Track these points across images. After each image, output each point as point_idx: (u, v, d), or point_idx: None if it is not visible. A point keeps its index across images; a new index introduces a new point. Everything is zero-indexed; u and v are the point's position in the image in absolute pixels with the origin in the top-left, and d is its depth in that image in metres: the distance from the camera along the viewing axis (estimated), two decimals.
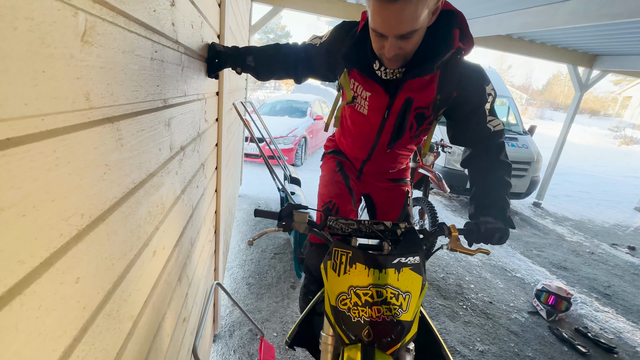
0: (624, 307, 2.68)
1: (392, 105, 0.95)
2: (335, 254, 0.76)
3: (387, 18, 0.70)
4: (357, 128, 1.10)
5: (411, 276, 0.74)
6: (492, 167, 0.93)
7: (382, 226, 0.86)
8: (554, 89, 26.69)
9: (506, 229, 0.82)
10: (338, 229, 0.87)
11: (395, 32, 0.72)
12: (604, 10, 2.23)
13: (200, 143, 0.99)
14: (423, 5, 0.69)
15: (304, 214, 0.82)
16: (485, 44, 4.07)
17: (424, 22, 0.73)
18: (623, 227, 4.79)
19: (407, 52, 0.79)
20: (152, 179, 0.54)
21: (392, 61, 0.82)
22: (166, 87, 0.59)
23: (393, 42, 0.75)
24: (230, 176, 2.37)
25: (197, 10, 0.82)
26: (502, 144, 0.95)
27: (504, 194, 0.89)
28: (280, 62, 1.09)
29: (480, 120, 0.93)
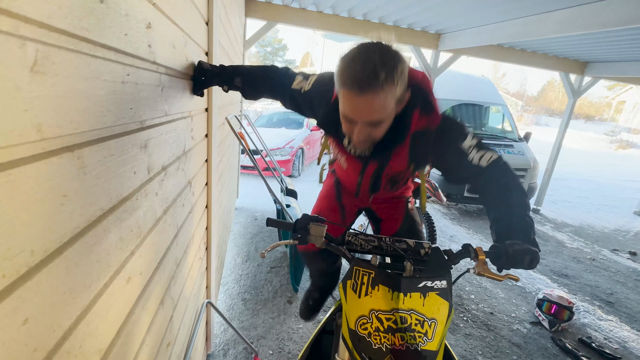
0: (627, 315, 2.62)
1: (364, 171, 1.03)
2: (356, 274, 0.70)
3: (357, 106, 0.72)
4: (342, 172, 1.18)
5: (437, 302, 0.68)
6: (503, 192, 0.85)
7: (404, 244, 0.82)
8: (549, 95, 27.02)
9: (536, 251, 0.74)
10: (357, 245, 0.83)
11: (364, 119, 0.74)
12: (591, 20, 2.26)
13: (186, 161, 0.97)
14: (392, 96, 0.71)
15: (322, 227, 0.76)
16: (477, 53, 4.13)
17: (391, 111, 0.76)
18: (623, 232, 4.75)
19: (375, 138, 0.81)
20: (125, 204, 0.52)
21: (360, 145, 0.83)
22: (142, 109, 0.58)
23: (362, 128, 0.76)
24: (224, 190, 2.35)
25: (180, 30, 0.82)
26: (505, 166, 0.88)
27: (524, 216, 0.81)
28: (268, 85, 1.10)
29: (468, 166, 0.87)
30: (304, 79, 1.03)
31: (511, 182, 0.86)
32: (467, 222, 4.50)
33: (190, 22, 0.93)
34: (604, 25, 2.15)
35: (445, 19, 3.24)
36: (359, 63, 0.68)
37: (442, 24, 3.50)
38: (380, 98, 0.69)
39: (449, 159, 0.90)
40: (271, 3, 3.44)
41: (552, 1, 2.38)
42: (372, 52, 0.68)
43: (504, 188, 0.85)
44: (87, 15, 0.38)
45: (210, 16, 1.20)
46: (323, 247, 0.77)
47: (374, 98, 0.69)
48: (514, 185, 0.85)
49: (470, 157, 0.87)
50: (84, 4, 0.38)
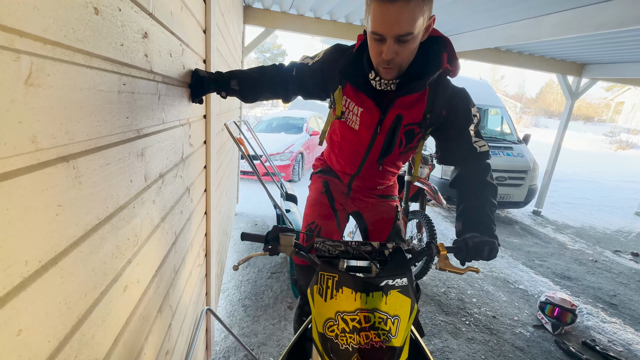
0: (631, 316, 2.60)
1: (383, 121, 0.98)
2: (322, 278, 0.73)
3: (386, 18, 0.74)
4: (347, 143, 1.12)
5: (399, 299, 0.71)
6: (479, 188, 0.95)
7: (369, 247, 0.85)
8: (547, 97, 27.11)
9: (494, 242, 0.82)
10: (325, 251, 0.85)
11: (394, 32, 0.76)
12: (586, 22, 2.28)
13: (185, 168, 0.98)
14: (419, 10, 0.74)
15: (290, 237, 0.81)
16: (475, 56, 4.15)
17: (419, 29, 0.78)
18: (625, 232, 4.73)
19: (402, 60, 0.83)
20: (122, 212, 0.53)
21: (388, 70, 0.85)
22: (138, 118, 0.59)
23: (391, 45, 0.78)
24: (224, 196, 2.35)
25: (177, 39, 0.83)
26: (488, 166, 0.98)
27: (490, 213, 0.90)
28: (266, 83, 1.11)
29: (466, 140, 0.96)
30: (309, 57, 1.07)
31: (489, 179, 0.96)
32: None
33: (187, 31, 0.94)
34: (597, 28, 2.16)
35: (442, 23, 3.27)
36: None
37: (441, 28, 3.53)
38: (409, 9, 0.72)
39: (458, 122, 0.95)
40: (269, 10, 3.47)
41: (547, 5, 2.40)
42: None
43: (482, 183, 0.95)
44: (82, 27, 0.39)
45: (207, 24, 1.22)
46: (293, 255, 0.80)
47: (404, 7, 0.72)
48: (489, 184, 0.95)
49: (471, 128, 0.95)
50: (80, 16, 0.38)
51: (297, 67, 1.08)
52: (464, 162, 0.99)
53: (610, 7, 2.10)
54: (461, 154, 0.98)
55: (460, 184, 1.00)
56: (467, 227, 0.88)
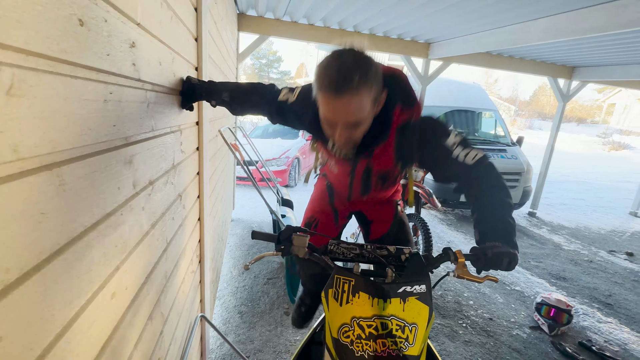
0: (627, 316, 2.62)
1: (354, 171, 1.06)
2: (337, 282, 0.71)
3: (335, 109, 0.75)
4: (333, 175, 1.21)
5: (417, 306, 0.69)
6: (488, 191, 0.87)
7: (385, 251, 0.83)
8: (541, 100, 27.45)
9: (514, 253, 0.76)
10: (339, 253, 0.83)
11: (343, 120, 0.77)
12: (572, 27, 2.33)
13: (176, 175, 0.98)
14: (367, 97, 0.75)
15: (304, 237, 0.78)
16: (467, 61, 4.21)
17: (369, 112, 0.79)
18: (619, 232, 4.77)
19: (356, 139, 0.84)
20: (109, 219, 0.53)
21: (343, 146, 0.87)
22: (126, 126, 0.59)
23: (342, 131, 0.79)
24: (219, 202, 2.35)
25: (166, 47, 0.84)
26: (489, 167, 0.89)
27: (507, 217, 0.82)
28: (255, 104, 1.12)
29: (453, 163, 0.89)
30: (290, 92, 1.06)
31: (496, 181, 0.87)
32: (464, 227, 4.50)
33: (178, 39, 0.95)
34: (583, 33, 2.21)
35: (434, 29, 3.32)
36: (334, 68, 0.72)
37: (431, 34, 3.58)
38: (356, 100, 0.73)
39: (434, 156, 0.91)
40: (263, 17, 3.51)
41: (536, 10, 2.45)
42: (346, 57, 0.73)
43: (489, 187, 0.87)
44: (66, 39, 0.40)
45: (199, 33, 1.23)
46: (306, 257, 0.78)
47: (351, 100, 0.72)
48: (499, 185, 0.86)
49: (455, 154, 0.88)
50: (64, 28, 0.39)
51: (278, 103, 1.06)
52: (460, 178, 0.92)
53: (594, 13, 2.15)
54: (453, 174, 0.92)
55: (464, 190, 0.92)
56: (486, 235, 0.80)
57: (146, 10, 0.68)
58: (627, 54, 3.67)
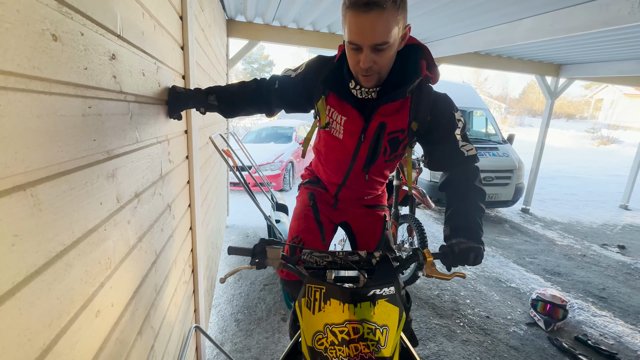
0: (620, 309, 2.65)
1: (366, 129, 0.99)
2: (309, 291, 0.73)
3: (362, 27, 0.76)
4: (333, 152, 1.12)
5: (387, 308, 0.71)
6: (468, 192, 0.96)
7: (356, 257, 0.85)
8: (530, 97, 27.89)
9: (479, 247, 0.83)
10: (312, 262, 0.85)
11: (369, 41, 0.77)
12: (556, 26, 2.38)
13: (164, 185, 0.97)
14: (393, 20, 0.76)
15: (277, 249, 0.80)
16: (456, 61, 4.26)
17: (394, 38, 0.80)
18: (611, 226, 4.85)
19: (381, 68, 0.84)
20: (91, 236, 0.52)
21: (367, 78, 0.86)
22: (107, 139, 0.58)
23: (368, 54, 0.79)
24: (212, 209, 2.33)
25: (150, 57, 0.83)
26: (476, 169, 0.99)
27: (477, 218, 0.91)
28: (246, 97, 1.10)
29: (453, 144, 0.97)
30: (292, 70, 1.07)
31: (477, 183, 0.96)
32: None
33: (162, 49, 0.94)
34: (568, 31, 2.25)
35: (422, 30, 3.35)
36: None
37: (421, 36, 3.62)
38: (384, 18, 0.74)
39: (442, 125, 0.96)
40: (252, 23, 3.51)
41: (521, 10, 2.49)
42: None
43: (470, 187, 0.96)
44: (38, 55, 0.39)
45: (185, 41, 1.22)
46: (281, 268, 0.79)
47: (379, 17, 0.74)
48: (478, 188, 0.96)
49: (457, 133, 0.96)
50: (35, 45, 0.38)
51: (279, 79, 1.08)
52: (452, 166, 1.00)
53: (577, 12, 2.19)
54: (449, 158, 0.99)
55: (449, 187, 1.01)
56: (454, 232, 0.89)
57: (127, 22, 0.67)
58: (610, 51, 3.74)
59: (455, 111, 0.97)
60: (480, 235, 0.89)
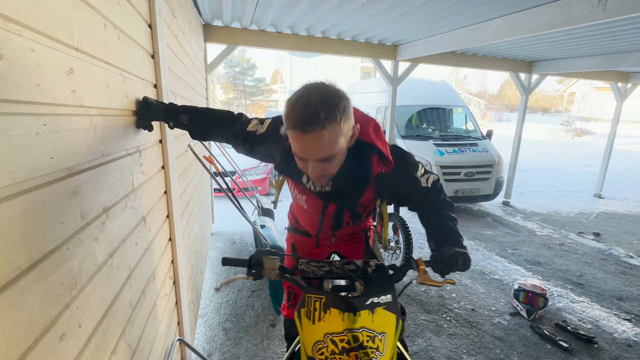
0: (597, 294, 2.77)
1: (326, 210, 1.05)
2: (309, 301, 0.74)
3: (304, 145, 0.75)
4: (302, 212, 1.18)
5: (385, 316, 0.73)
6: (438, 207, 1.02)
7: (353, 265, 0.87)
8: (508, 93, 28.81)
9: (465, 253, 0.87)
10: (310, 272, 0.86)
11: (314, 157, 0.76)
12: (524, 25, 2.47)
13: (137, 198, 0.95)
14: (336, 133, 0.74)
15: (274, 259, 0.79)
16: (434, 61, 4.36)
17: (341, 146, 0.78)
18: (586, 214, 5.06)
19: (330, 173, 0.84)
20: (51, 257, 0.50)
21: (318, 180, 0.85)
22: (67, 156, 0.57)
23: (315, 165, 0.78)
24: (194, 217, 2.29)
25: (115, 68, 0.81)
26: (440, 188, 1.04)
27: (454, 227, 0.97)
28: (219, 130, 1.08)
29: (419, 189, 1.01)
30: (259, 123, 1.03)
31: (444, 199, 1.03)
32: None
33: (129, 59, 0.93)
34: (534, 30, 2.35)
35: (399, 31, 3.42)
36: (301, 105, 0.72)
37: (398, 36, 3.68)
38: (324, 136, 0.72)
39: (408, 188, 1.00)
40: (230, 27, 3.48)
41: (490, 11, 2.58)
42: (313, 93, 0.73)
43: (440, 204, 1.02)
44: None
45: (155, 49, 1.20)
46: (278, 278, 0.78)
47: (319, 136, 0.72)
48: (446, 203, 1.02)
49: (421, 183, 1.01)
50: None
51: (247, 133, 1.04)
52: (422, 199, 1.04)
53: (542, 11, 2.29)
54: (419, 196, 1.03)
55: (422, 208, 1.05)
56: (440, 244, 0.93)
57: (86, 34, 0.66)
58: (578, 48, 3.92)
59: (416, 171, 0.99)
60: (461, 241, 0.93)
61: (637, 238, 4.10)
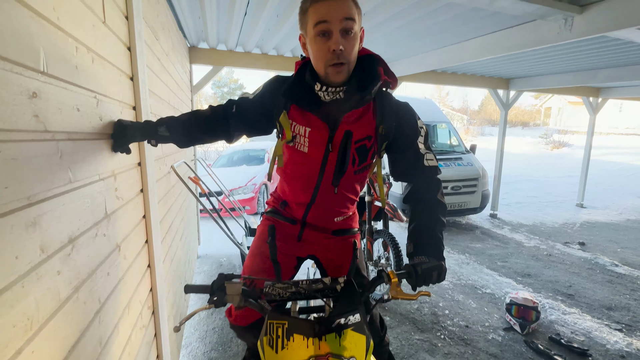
0: (587, 304, 2.77)
1: (332, 138, 0.96)
2: (271, 328, 0.69)
3: (330, 7, 0.82)
4: (299, 168, 1.06)
5: (354, 338, 0.68)
6: (429, 206, 0.97)
7: (320, 284, 0.82)
8: (488, 108, 30.02)
9: (441, 265, 0.84)
10: (275, 294, 0.81)
11: (340, 15, 0.82)
12: (500, 45, 2.60)
13: (110, 224, 0.90)
14: (355, 8, 0.85)
15: (237, 284, 0.74)
16: (416, 79, 4.51)
17: (358, 26, 0.86)
18: (570, 224, 5.17)
19: (349, 56, 0.86)
20: (1, 297, 0.45)
21: (338, 69, 0.86)
22: (27, 185, 0.53)
23: (338, 36, 0.83)
24: (177, 241, 2.21)
25: (87, 91, 0.79)
26: (438, 182, 1.00)
27: (439, 233, 0.93)
28: (200, 125, 1.06)
29: (415, 152, 0.99)
30: (249, 93, 1.07)
31: (439, 197, 0.98)
32: None
33: (104, 81, 0.90)
34: (509, 49, 2.47)
35: (382, 52, 3.51)
36: None
37: None
38: (351, 3, 0.83)
39: (407, 131, 0.99)
40: (216, 49, 3.52)
41: (467, 32, 2.71)
42: None
43: (432, 201, 0.97)
44: None
45: (134, 71, 1.19)
46: (242, 304, 0.74)
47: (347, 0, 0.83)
48: (439, 202, 0.97)
49: (420, 141, 0.99)
50: None
51: (237, 103, 1.06)
52: (415, 175, 1.01)
53: (515, 33, 2.43)
54: (411, 167, 1.00)
55: (412, 200, 1.01)
56: (417, 249, 0.90)
57: (54, 57, 0.64)
58: (551, 65, 4.14)
59: (418, 119, 1.00)
60: (441, 251, 0.89)
61: (620, 246, 4.19)
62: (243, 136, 1.15)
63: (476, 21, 2.42)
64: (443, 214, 0.96)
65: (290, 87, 0.96)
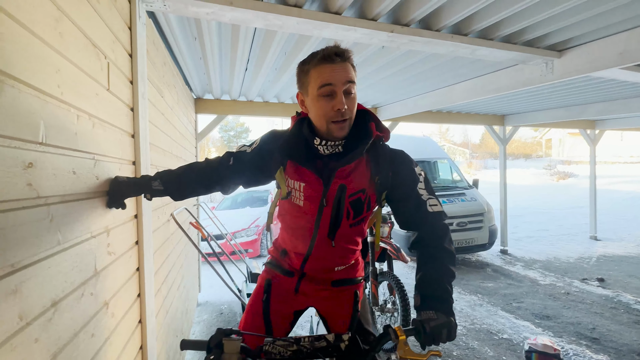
0: (615, 349, 2.55)
1: (326, 193, 0.98)
2: None
3: (334, 71, 0.88)
4: (295, 220, 1.07)
5: None
6: (436, 255, 0.93)
7: (324, 342, 0.78)
8: (489, 141, 30.51)
9: (450, 321, 0.80)
10: (276, 353, 0.76)
11: (344, 78, 0.88)
12: (487, 87, 2.73)
13: (99, 282, 0.89)
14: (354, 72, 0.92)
15: (236, 341, 0.71)
16: (413, 119, 4.67)
17: (356, 88, 0.93)
18: (586, 258, 4.94)
19: (351, 113, 0.92)
20: None
21: (341, 125, 0.91)
22: (11, 252, 0.54)
23: (342, 98, 0.88)
24: (175, 291, 2.15)
25: (85, 153, 0.83)
26: (445, 228, 0.98)
27: (447, 285, 0.88)
28: (195, 178, 1.09)
29: (417, 199, 0.98)
30: (246, 145, 1.10)
31: (447, 245, 0.94)
32: None
33: (103, 143, 0.96)
34: (496, 91, 2.59)
35: (377, 96, 3.73)
36: (329, 47, 0.90)
37: (376, 100, 4.00)
38: (349, 67, 0.90)
39: (405, 180, 0.99)
40: (220, 100, 3.75)
41: (457, 76, 2.87)
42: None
43: (439, 249, 0.94)
44: None
45: (136, 129, 1.26)
46: None
47: (346, 66, 0.89)
48: (447, 250, 0.94)
49: (420, 187, 0.98)
50: None
51: (235, 155, 1.09)
52: (420, 224, 0.99)
53: (500, 76, 2.57)
54: (415, 215, 0.98)
55: (419, 247, 0.98)
56: (425, 302, 0.85)
57: (54, 128, 0.69)
58: (542, 102, 4.29)
59: (415, 166, 1.01)
60: (450, 305, 0.85)
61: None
62: (239, 187, 1.19)
63: (461, 68, 2.58)
64: (452, 263, 0.92)
65: (287, 142, 1.00)
